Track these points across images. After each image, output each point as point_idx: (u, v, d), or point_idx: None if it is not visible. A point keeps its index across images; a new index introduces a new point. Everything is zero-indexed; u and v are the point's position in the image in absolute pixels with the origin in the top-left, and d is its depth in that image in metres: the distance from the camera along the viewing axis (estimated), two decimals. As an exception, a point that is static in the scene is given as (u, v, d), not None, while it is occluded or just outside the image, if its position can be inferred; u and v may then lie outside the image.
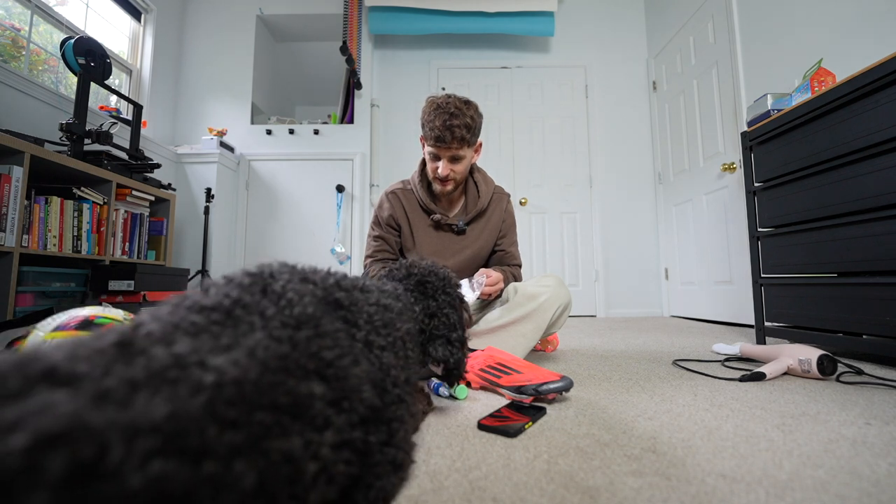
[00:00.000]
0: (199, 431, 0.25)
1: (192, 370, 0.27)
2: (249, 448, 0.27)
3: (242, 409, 0.27)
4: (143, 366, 0.26)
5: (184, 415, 0.25)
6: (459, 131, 1.15)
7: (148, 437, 0.23)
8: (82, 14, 2.56)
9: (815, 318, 1.37)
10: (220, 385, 0.27)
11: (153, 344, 0.28)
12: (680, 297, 3.04)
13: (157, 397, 0.24)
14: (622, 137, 3.37)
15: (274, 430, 0.29)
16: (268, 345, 0.31)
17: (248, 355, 0.30)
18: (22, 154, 1.63)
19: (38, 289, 1.75)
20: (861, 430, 0.68)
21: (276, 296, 0.36)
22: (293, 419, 0.30)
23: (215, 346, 0.29)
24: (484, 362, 0.96)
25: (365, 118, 3.22)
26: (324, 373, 0.35)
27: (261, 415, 0.28)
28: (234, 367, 0.28)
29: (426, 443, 0.64)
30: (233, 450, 0.26)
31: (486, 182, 1.36)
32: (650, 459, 0.57)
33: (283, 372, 0.31)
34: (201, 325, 0.31)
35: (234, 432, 0.26)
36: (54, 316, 0.85)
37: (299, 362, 0.33)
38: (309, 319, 0.36)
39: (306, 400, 0.32)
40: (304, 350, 0.34)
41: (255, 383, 0.29)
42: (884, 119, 1.13)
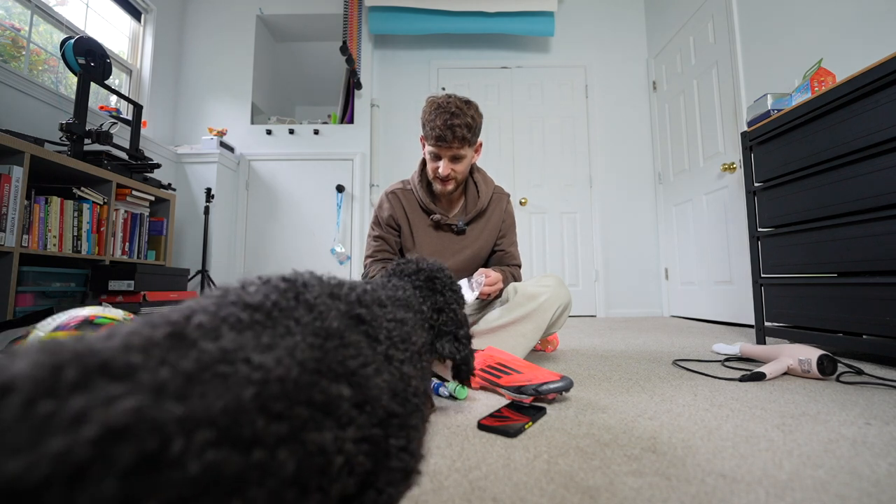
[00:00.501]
0: (249, 423, 0.27)
1: (240, 366, 0.29)
2: (291, 438, 0.29)
3: (286, 403, 0.30)
4: (195, 358, 0.28)
5: (236, 408, 0.27)
6: (460, 131, 1.15)
7: (205, 429, 0.24)
8: (82, 14, 2.56)
9: (815, 318, 1.37)
10: (266, 381, 0.29)
11: (202, 336, 0.30)
12: (680, 297, 3.04)
13: (210, 392, 0.26)
14: (622, 137, 3.37)
15: (310, 424, 0.32)
16: (304, 348, 0.34)
17: (288, 355, 0.32)
18: (22, 154, 1.63)
19: (38, 289, 1.75)
20: (861, 430, 0.68)
21: (309, 305, 0.39)
22: (325, 415, 0.34)
23: (258, 343, 0.31)
24: (484, 362, 0.96)
25: (365, 118, 3.22)
26: (349, 379, 0.38)
27: (300, 409, 0.31)
28: (278, 366, 0.31)
29: (426, 443, 0.64)
30: (278, 439, 0.28)
31: (485, 182, 1.36)
32: (650, 459, 0.57)
33: (317, 373, 0.34)
34: (246, 322, 0.33)
35: (279, 424, 0.29)
36: (54, 316, 0.85)
37: (330, 366, 0.36)
38: (336, 332, 0.40)
39: (336, 400, 0.35)
40: (333, 357, 0.37)
41: (296, 381, 0.32)
42: (884, 119, 1.13)
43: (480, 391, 0.96)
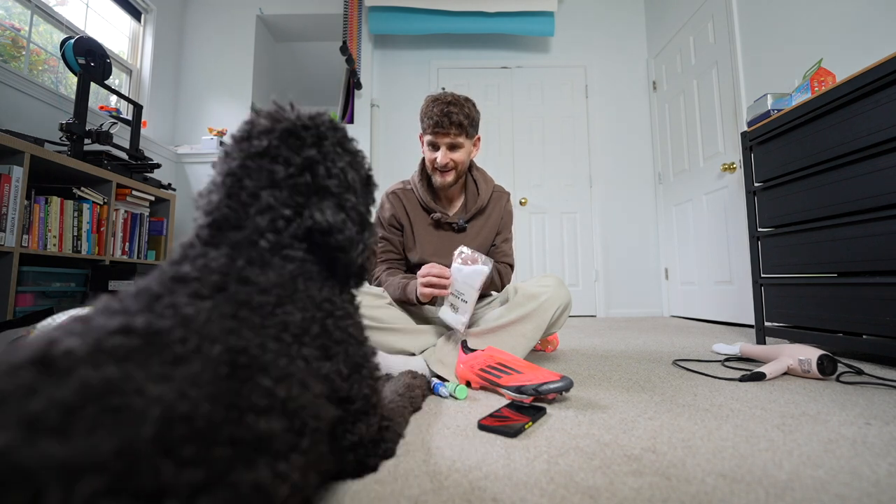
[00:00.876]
0: (152, 469, 0.22)
1: (133, 398, 0.23)
2: (215, 483, 0.25)
3: (199, 444, 0.25)
4: (75, 389, 0.22)
5: (133, 450, 0.22)
6: (457, 117, 1.18)
7: (92, 476, 0.20)
8: (82, 14, 2.56)
9: (815, 318, 1.37)
10: (168, 420, 0.24)
11: (77, 364, 0.24)
12: (680, 297, 3.04)
13: (99, 428, 0.21)
14: (622, 137, 3.37)
15: (237, 464, 0.27)
16: (211, 379, 0.29)
17: (192, 386, 0.27)
18: (22, 154, 1.63)
19: (38, 289, 1.75)
20: (861, 430, 0.68)
21: (185, 320, 0.32)
22: (256, 452, 0.29)
23: (149, 373, 0.26)
24: (484, 362, 0.96)
25: (365, 118, 3.22)
26: (283, 409, 0.33)
27: (221, 450, 0.26)
28: (181, 400, 0.25)
29: (426, 443, 0.64)
30: (195, 488, 0.23)
31: (485, 180, 1.37)
32: (650, 459, 0.57)
33: (235, 408, 0.29)
34: (125, 348, 0.27)
35: (194, 469, 0.24)
36: (54, 316, 0.85)
37: (251, 399, 0.30)
38: (238, 356, 0.33)
39: (268, 434, 0.30)
40: (251, 388, 0.31)
41: (208, 418, 0.26)
42: (884, 119, 1.13)
43: (480, 391, 0.96)
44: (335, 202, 0.50)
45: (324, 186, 0.49)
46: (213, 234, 0.44)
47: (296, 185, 0.48)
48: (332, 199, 0.50)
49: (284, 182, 0.47)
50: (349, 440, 0.48)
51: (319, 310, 0.45)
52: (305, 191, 0.48)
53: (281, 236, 0.46)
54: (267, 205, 0.46)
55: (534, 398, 0.86)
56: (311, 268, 0.48)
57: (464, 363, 0.99)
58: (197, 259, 0.41)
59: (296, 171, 0.48)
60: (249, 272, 0.41)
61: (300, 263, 0.46)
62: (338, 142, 0.53)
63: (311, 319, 0.43)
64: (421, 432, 0.68)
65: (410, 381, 0.83)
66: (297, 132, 0.50)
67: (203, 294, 0.36)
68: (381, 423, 0.54)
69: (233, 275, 0.40)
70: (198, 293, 0.36)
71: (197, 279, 0.38)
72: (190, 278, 0.38)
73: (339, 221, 0.49)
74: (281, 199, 0.47)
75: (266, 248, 0.45)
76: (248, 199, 0.46)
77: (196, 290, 0.36)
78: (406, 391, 0.77)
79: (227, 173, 0.47)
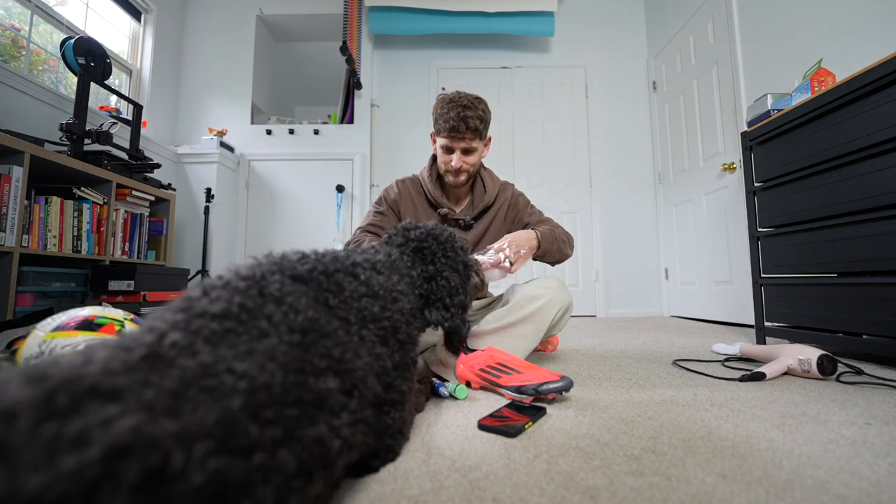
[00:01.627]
0: (244, 432, 0.28)
1: (224, 377, 0.29)
2: (289, 438, 0.31)
3: (276, 408, 0.31)
4: (177, 377, 0.28)
5: (228, 419, 0.28)
6: (473, 122, 1.19)
7: (203, 441, 0.25)
8: (82, 14, 2.56)
9: (815, 318, 1.37)
10: (253, 389, 0.30)
11: (179, 354, 0.30)
12: (680, 297, 3.04)
13: (200, 406, 0.27)
14: (622, 137, 3.37)
15: (304, 422, 0.33)
16: (284, 349, 0.35)
17: (269, 359, 0.33)
18: (22, 154, 1.63)
19: (38, 289, 1.75)
20: (861, 430, 0.68)
21: (275, 300, 0.39)
22: (317, 409, 0.35)
23: (236, 353, 0.32)
24: (484, 362, 0.96)
25: (365, 118, 3.22)
26: (335, 368, 0.39)
27: (291, 410, 0.32)
28: (262, 372, 0.31)
29: (426, 443, 0.64)
30: (275, 442, 0.29)
31: (492, 179, 1.39)
32: (650, 459, 0.57)
33: (302, 372, 0.35)
34: (219, 333, 0.33)
35: (273, 428, 0.30)
36: (54, 316, 0.85)
37: (313, 362, 0.37)
38: (312, 324, 0.40)
39: (325, 393, 0.36)
40: (315, 351, 0.38)
41: (282, 385, 0.32)
42: (884, 119, 1.13)
43: (481, 391, 0.96)
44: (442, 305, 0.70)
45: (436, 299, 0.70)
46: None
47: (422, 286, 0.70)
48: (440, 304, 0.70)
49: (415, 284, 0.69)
50: (386, 423, 0.54)
51: (403, 315, 0.58)
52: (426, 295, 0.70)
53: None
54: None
55: (534, 398, 0.86)
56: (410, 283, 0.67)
57: (464, 363, 0.99)
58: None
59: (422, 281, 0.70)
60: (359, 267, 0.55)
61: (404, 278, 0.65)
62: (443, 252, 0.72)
63: (383, 309, 0.54)
64: (421, 432, 0.68)
65: (416, 386, 0.83)
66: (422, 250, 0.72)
67: (295, 276, 0.45)
68: (398, 423, 0.57)
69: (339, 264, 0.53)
70: (291, 276, 0.45)
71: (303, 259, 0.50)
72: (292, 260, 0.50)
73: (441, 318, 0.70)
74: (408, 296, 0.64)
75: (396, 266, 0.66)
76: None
77: (292, 273, 0.46)
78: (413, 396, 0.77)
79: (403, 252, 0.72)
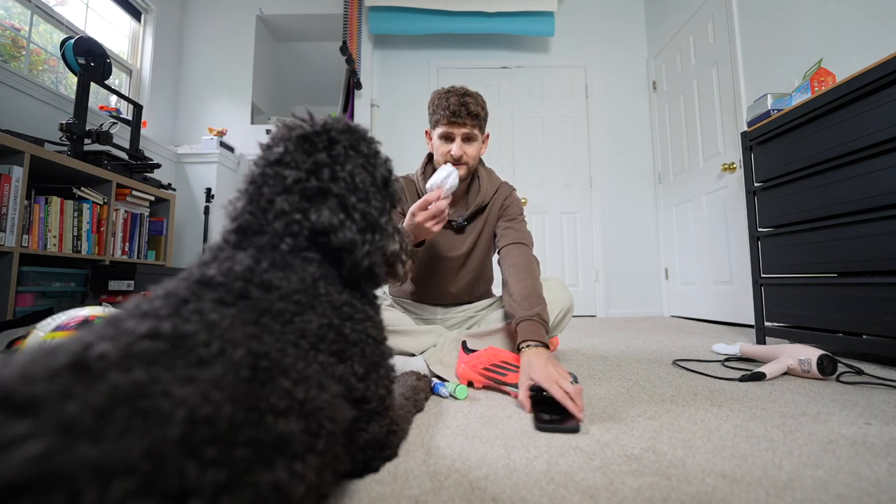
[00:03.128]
0: (178, 470, 0.23)
1: (160, 401, 0.25)
2: (236, 484, 0.26)
3: (221, 446, 0.26)
4: (107, 392, 0.24)
5: (161, 452, 0.23)
6: (474, 108, 1.19)
7: (125, 478, 0.21)
8: (82, 14, 2.56)
9: (815, 318, 1.37)
10: (193, 421, 0.25)
11: (110, 368, 0.25)
12: (680, 297, 3.04)
13: (130, 432, 0.22)
14: (622, 137, 3.37)
15: (257, 465, 0.28)
16: (232, 381, 0.30)
17: (214, 389, 0.28)
18: (22, 154, 1.63)
19: (38, 289, 1.75)
20: (861, 430, 0.68)
21: (210, 326, 0.33)
22: (275, 453, 0.30)
23: (175, 376, 0.27)
24: (487, 361, 0.96)
25: (365, 118, 3.22)
26: (299, 410, 0.34)
27: (241, 451, 0.27)
28: (205, 403, 0.26)
29: (426, 443, 0.64)
30: (217, 488, 0.24)
31: (490, 178, 1.36)
32: (650, 459, 0.57)
33: (256, 410, 0.30)
34: (152, 352, 0.28)
35: (216, 470, 0.25)
36: (54, 316, 0.85)
37: (270, 401, 0.31)
38: (263, 354, 0.34)
39: (286, 437, 0.31)
40: (271, 390, 0.32)
41: (230, 419, 0.27)
42: (884, 119, 1.13)
43: (481, 391, 0.96)
44: (336, 203, 0.50)
45: (327, 189, 0.50)
46: (239, 238, 0.47)
47: (304, 189, 0.49)
48: (334, 201, 0.49)
49: (294, 186, 0.49)
50: (363, 439, 0.49)
51: (338, 314, 0.46)
52: (311, 194, 0.49)
53: (298, 240, 0.48)
54: (281, 210, 0.48)
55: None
56: (332, 270, 0.49)
57: (465, 363, 0.99)
58: (224, 262, 0.43)
59: (304, 174, 0.49)
60: (272, 276, 0.42)
61: (319, 265, 0.48)
62: (351, 144, 0.54)
63: (329, 326, 0.44)
64: (421, 432, 0.68)
65: (415, 384, 0.83)
66: (309, 137, 0.51)
67: (227, 301, 0.38)
68: (390, 426, 0.54)
69: (256, 280, 0.41)
70: (222, 300, 0.37)
71: (222, 284, 0.39)
72: (216, 283, 0.39)
73: (337, 222, 0.48)
74: (293, 204, 0.48)
75: (287, 251, 0.46)
76: (265, 204, 0.48)
77: (221, 297, 0.38)
78: (412, 394, 0.77)
79: (249, 181, 0.50)
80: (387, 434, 0.53)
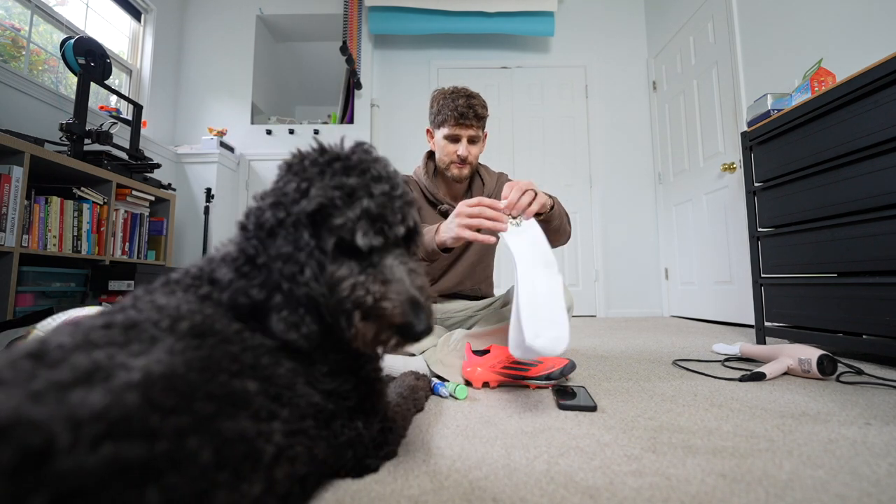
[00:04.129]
0: (141, 418, 0.26)
1: (118, 371, 0.28)
2: (200, 428, 0.29)
3: (179, 397, 0.30)
4: (69, 370, 0.27)
5: (122, 404, 0.26)
6: (481, 110, 1.22)
7: (93, 424, 0.24)
8: (82, 14, 2.56)
9: (815, 318, 1.37)
10: (149, 379, 0.29)
11: (70, 353, 0.29)
12: (680, 297, 3.04)
13: (92, 393, 0.26)
14: (622, 137, 3.37)
15: (220, 415, 0.31)
16: (182, 348, 0.33)
17: (167, 353, 0.32)
18: (22, 154, 1.63)
19: (38, 289, 1.75)
20: (861, 430, 0.68)
21: (160, 307, 0.38)
22: (235, 408, 0.33)
23: (130, 351, 0.31)
24: (506, 359, 0.97)
25: (365, 118, 3.22)
26: (251, 374, 0.37)
27: (202, 404, 0.31)
28: (158, 364, 0.30)
29: (426, 443, 0.64)
30: (180, 430, 0.28)
31: (489, 173, 1.41)
32: (650, 459, 0.57)
33: (208, 370, 0.33)
34: (108, 337, 0.32)
35: (178, 416, 0.28)
36: (54, 316, 0.85)
37: (222, 364, 0.35)
38: (209, 329, 0.38)
39: (243, 394, 0.35)
40: (221, 353, 0.36)
41: (184, 377, 0.31)
42: (884, 119, 1.13)
43: (480, 391, 0.96)
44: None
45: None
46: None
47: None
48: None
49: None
50: (346, 435, 0.49)
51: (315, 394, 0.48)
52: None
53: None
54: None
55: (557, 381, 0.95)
56: None
57: (481, 365, 0.98)
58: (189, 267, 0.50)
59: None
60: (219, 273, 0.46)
61: None
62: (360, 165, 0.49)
63: None
64: (421, 432, 0.68)
65: (414, 383, 0.83)
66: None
67: (174, 290, 0.43)
68: (384, 424, 0.54)
69: (205, 276, 0.46)
70: (171, 292, 0.43)
71: (177, 281, 0.45)
72: (172, 280, 0.45)
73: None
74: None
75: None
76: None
77: (172, 288, 0.43)
78: (410, 393, 0.77)
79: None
80: (381, 431, 0.53)
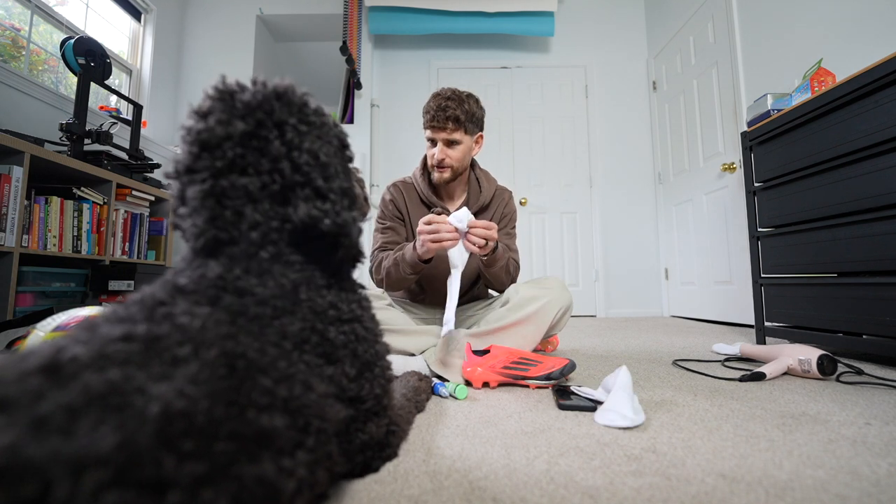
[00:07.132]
0: (154, 462, 0.23)
1: (134, 398, 0.25)
2: (218, 476, 0.25)
3: (199, 439, 0.26)
4: (80, 391, 0.24)
5: (134, 444, 0.23)
6: (453, 112, 1.18)
7: (97, 469, 0.21)
8: (82, 14, 2.56)
9: (815, 318, 1.37)
10: (168, 415, 0.25)
11: (82, 369, 0.25)
12: (680, 297, 3.04)
13: (102, 425, 0.22)
14: (622, 137, 3.37)
15: (241, 459, 0.27)
16: (208, 377, 0.29)
17: (190, 384, 0.28)
18: (22, 154, 1.63)
19: (38, 289, 1.75)
20: (861, 430, 0.68)
21: (184, 327, 0.33)
22: (259, 447, 0.29)
23: (150, 374, 0.27)
24: (507, 359, 0.98)
25: (365, 118, 3.22)
26: (285, 407, 0.33)
27: (223, 445, 0.27)
28: (179, 397, 0.26)
29: (426, 443, 0.64)
30: (196, 479, 0.24)
31: (487, 179, 1.38)
32: (650, 459, 0.57)
33: (235, 405, 0.29)
34: (126, 352, 0.28)
35: (195, 462, 0.25)
36: (54, 316, 0.85)
37: (251, 397, 0.31)
38: (240, 355, 0.33)
39: (270, 431, 0.31)
40: (251, 384, 0.32)
41: (208, 414, 0.27)
42: (884, 119, 1.13)
43: (480, 391, 0.96)
44: (311, 191, 0.46)
45: (293, 183, 0.46)
46: (210, 250, 0.44)
47: (272, 195, 0.45)
48: (307, 190, 0.46)
49: (261, 194, 0.45)
50: (360, 439, 0.48)
51: (321, 318, 0.45)
52: (282, 198, 0.46)
53: (279, 246, 0.45)
54: (254, 221, 0.45)
55: (558, 381, 0.96)
56: (314, 273, 0.47)
57: (482, 366, 0.98)
58: (197, 269, 0.41)
59: (268, 179, 0.45)
60: (245, 282, 0.41)
61: (301, 269, 0.46)
62: (299, 119, 0.47)
63: (312, 330, 0.43)
64: (421, 432, 0.68)
65: (417, 384, 0.83)
66: (255, 133, 0.45)
67: (200, 303, 0.37)
68: (389, 426, 0.54)
69: (229, 286, 0.40)
70: (196, 303, 0.37)
71: (194, 291, 0.38)
72: (188, 290, 0.38)
73: (317, 213, 0.45)
74: (265, 213, 0.45)
75: (267, 258, 0.44)
76: (233, 217, 0.44)
77: (195, 301, 0.37)
78: (413, 394, 0.77)
79: (204, 195, 0.44)
80: (386, 434, 0.53)
